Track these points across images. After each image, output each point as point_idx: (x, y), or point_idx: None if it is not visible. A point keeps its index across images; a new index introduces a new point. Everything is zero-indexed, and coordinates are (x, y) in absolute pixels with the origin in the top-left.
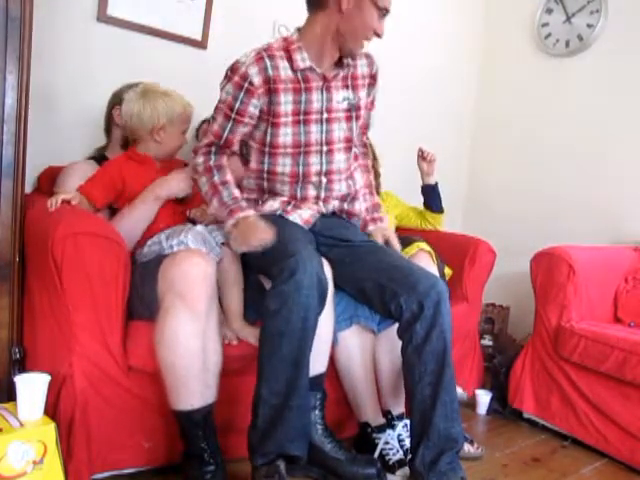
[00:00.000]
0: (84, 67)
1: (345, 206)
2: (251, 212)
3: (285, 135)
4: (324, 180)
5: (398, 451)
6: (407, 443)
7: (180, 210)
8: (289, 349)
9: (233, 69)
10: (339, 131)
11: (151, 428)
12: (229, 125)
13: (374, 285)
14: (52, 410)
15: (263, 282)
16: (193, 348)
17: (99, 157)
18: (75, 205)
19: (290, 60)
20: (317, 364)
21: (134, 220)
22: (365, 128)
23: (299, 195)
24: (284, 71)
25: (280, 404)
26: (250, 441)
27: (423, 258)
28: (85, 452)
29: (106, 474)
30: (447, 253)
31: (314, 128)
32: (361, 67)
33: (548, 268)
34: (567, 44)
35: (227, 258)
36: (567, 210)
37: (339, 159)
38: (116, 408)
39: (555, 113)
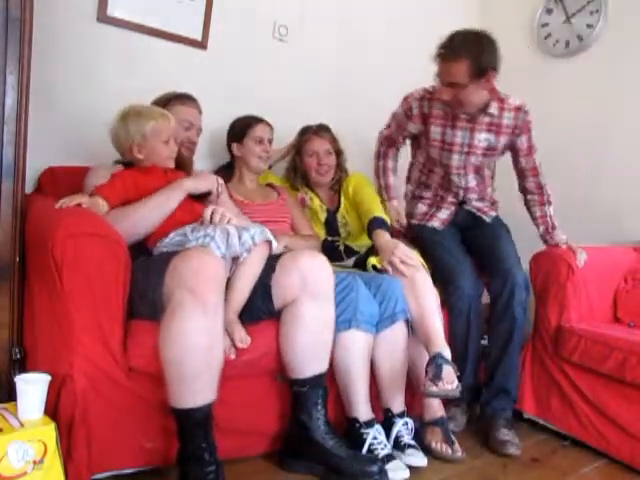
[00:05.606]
0: (84, 67)
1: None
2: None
3: None
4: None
5: (386, 445)
6: (405, 440)
7: (198, 209)
8: None
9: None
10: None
11: (152, 428)
12: None
13: None
14: (52, 410)
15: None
16: (202, 344)
17: (126, 162)
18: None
19: None
20: (319, 363)
21: (149, 207)
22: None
23: None
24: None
25: None
26: None
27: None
28: (85, 452)
29: (106, 474)
30: None
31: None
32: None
33: (548, 268)
34: (567, 44)
35: (257, 255)
36: (567, 210)
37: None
38: (116, 408)
39: (554, 113)
